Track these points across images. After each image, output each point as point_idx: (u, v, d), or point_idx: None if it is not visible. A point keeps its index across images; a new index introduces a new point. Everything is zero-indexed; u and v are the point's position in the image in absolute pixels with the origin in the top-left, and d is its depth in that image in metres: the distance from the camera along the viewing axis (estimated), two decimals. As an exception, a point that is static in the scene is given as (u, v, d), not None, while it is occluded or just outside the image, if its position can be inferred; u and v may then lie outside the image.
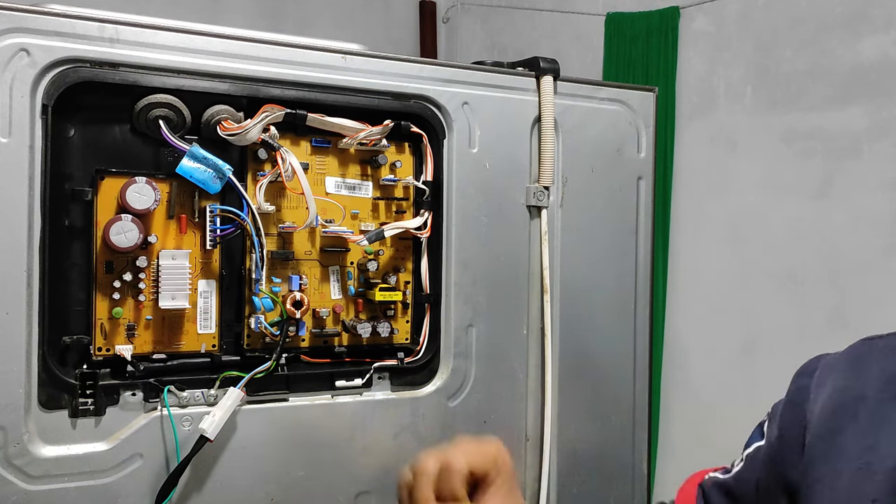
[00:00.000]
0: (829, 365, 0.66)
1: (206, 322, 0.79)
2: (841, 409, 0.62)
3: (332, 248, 0.84)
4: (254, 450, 0.80)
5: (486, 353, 0.91)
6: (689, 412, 2.54)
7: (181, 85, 0.75)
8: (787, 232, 2.32)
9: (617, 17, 2.71)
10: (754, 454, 0.69)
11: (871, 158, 2.16)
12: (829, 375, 0.65)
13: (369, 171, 0.86)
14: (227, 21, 1.65)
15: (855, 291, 2.18)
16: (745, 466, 0.70)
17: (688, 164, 2.56)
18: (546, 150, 0.92)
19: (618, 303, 0.99)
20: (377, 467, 0.86)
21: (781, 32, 2.33)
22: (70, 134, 0.73)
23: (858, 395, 0.62)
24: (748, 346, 2.41)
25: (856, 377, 0.63)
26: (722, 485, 0.72)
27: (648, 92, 1.01)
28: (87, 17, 0.71)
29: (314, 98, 0.81)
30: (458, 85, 0.88)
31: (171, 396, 0.76)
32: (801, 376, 0.68)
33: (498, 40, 3.20)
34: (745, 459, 0.70)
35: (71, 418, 0.73)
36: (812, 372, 0.67)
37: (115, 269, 0.75)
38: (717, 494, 0.72)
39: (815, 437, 0.62)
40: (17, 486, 0.70)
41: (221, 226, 0.78)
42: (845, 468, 0.59)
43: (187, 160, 0.74)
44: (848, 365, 0.65)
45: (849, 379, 0.63)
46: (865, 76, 2.17)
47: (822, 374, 0.66)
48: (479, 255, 0.90)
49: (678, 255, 2.59)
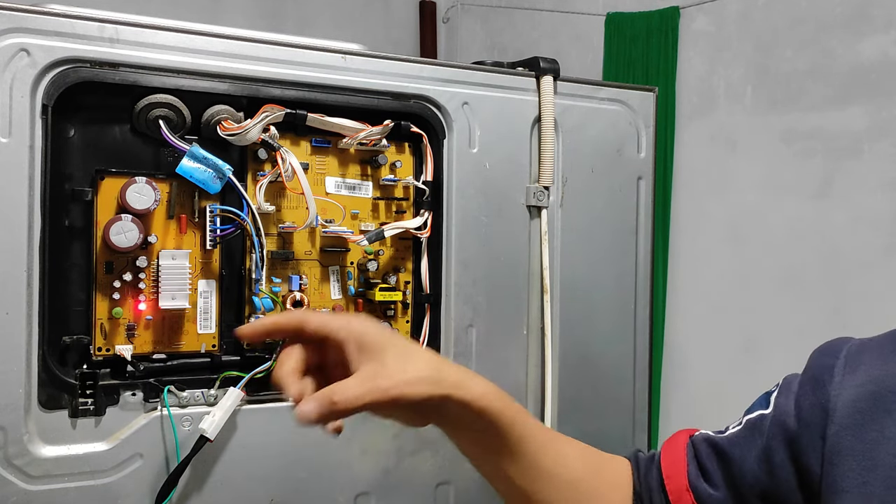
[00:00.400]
0: (859, 350, 0.63)
1: (206, 322, 0.79)
2: (875, 400, 0.59)
3: (332, 248, 0.84)
4: (254, 450, 0.80)
5: (486, 353, 0.91)
6: (689, 412, 2.54)
7: (181, 85, 0.75)
8: (787, 232, 2.32)
9: (617, 17, 2.71)
10: (756, 421, 0.66)
11: (871, 158, 2.16)
12: (860, 361, 0.62)
13: (369, 171, 0.86)
14: (227, 21, 1.65)
15: (855, 291, 2.18)
16: (743, 431, 0.67)
17: (688, 164, 2.56)
18: (546, 150, 0.92)
19: (618, 303, 0.99)
20: (377, 468, 0.86)
21: (781, 32, 2.33)
22: (70, 134, 0.73)
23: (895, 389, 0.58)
24: (748, 346, 2.41)
25: (894, 369, 0.59)
26: (713, 442, 0.69)
27: (648, 92, 1.01)
28: (87, 17, 0.71)
29: (314, 98, 0.81)
30: (458, 85, 0.88)
31: (171, 396, 0.76)
32: (824, 355, 0.64)
33: (498, 40, 3.20)
34: (744, 424, 0.67)
35: (71, 418, 0.73)
36: (837, 352, 0.63)
37: (115, 269, 0.75)
38: (706, 448, 0.69)
39: (841, 427, 0.59)
40: (17, 486, 0.70)
41: (221, 226, 0.78)
42: (880, 464, 0.56)
43: (187, 160, 0.74)
44: (883, 353, 0.61)
45: (885, 370, 0.60)
46: (865, 76, 2.17)
47: (850, 357, 0.62)
48: (479, 255, 0.90)
49: (678, 255, 2.59)
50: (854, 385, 0.60)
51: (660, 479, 0.69)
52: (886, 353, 0.61)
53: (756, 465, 0.64)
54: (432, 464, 0.89)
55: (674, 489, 0.68)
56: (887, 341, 0.62)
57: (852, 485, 0.57)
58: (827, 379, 0.62)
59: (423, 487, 0.89)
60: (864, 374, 0.60)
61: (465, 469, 0.91)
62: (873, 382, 0.59)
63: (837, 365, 0.62)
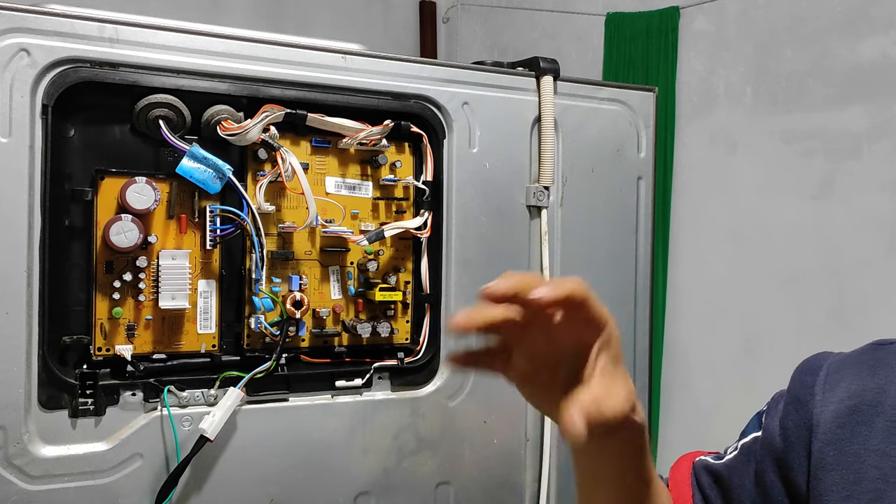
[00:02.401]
0: (838, 366, 0.64)
1: (206, 322, 0.79)
2: (854, 416, 0.60)
3: (332, 248, 0.84)
4: (254, 450, 0.80)
5: (486, 353, 0.91)
6: (689, 412, 2.54)
7: (181, 85, 0.75)
8: (787, 232, 2.32)
9: (617, 17, 2.71)
10: (750, 445, 0.67)
11: (871, 159, 2.16)
12: (839, 378, 0.63)
13: (369, 171, 0.86)
14: (227, 21, 1.65)
15: (855, 291, 2.18)
16: (739, 456, 0.68)
17: (688, 164, 2.56)
18: (546, 150, 0.92)
19: (618, 303, 0.99)
20: (377, 467, 0.86)
21: (781, 32, 2.33)
22: (70, 134, 0.73)
23: (873, 403, 0.59)
24: (748, 347, 2.41)
25: (872, 383, 0.61)
26: (712, 470, 0.70)
27: (648, 92, 1.01)
28: (86, 17, 0.71)
29: (314, 98, 0.81)
30: (458, 85, 0.88)
31: (171, 396, 0.76)
32: (804, 373, 0.66)
33: (498, 40, 3.20)
34: (740, 449, 0.68)
35: (71, 418, 0.73)
36: (816, 370, 0.64)
37: (115, 269, 0.75)
38: (706, 477, 0.70)
39: (824, 442, 0.60)
40: (18, 486, 0.70)
41: (221, 226, 0.78)
42: (864, 477, 0.57)
43: (187, 160, 0.74)
44: (860, 369, 0.62)
45: (863, 384, 0.61)
46: (865, 76, 2.17)
47: (830, 375, 0.64)
48: (479, 255, 0.90)
49: (678, 256, 2.59)
50: (835, 401, 0.61)
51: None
52: (864, 368, 0.62)
53: (752, 489, 0.65)
54: (432, 464, 0.89)
55: None
56: (866, 356, 0.63)
57: (837, 498, 0.58)
58: (808, 398, 0.63)
59: (423, 487, 0.89)
60: (843, 389, 0.62)
61: (465, 469, 0.91)
62: (853, 397, 0.61)
63: (818, 383, 0.63)
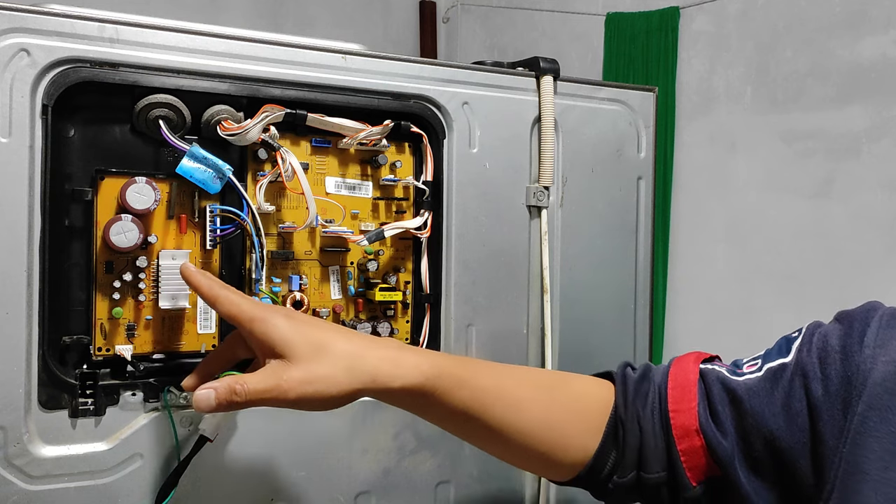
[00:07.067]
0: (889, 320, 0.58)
1: (206, 322, 0.79)
2: None
3: (332, 248, 0.84)
4: (254, 450, 0.80)
5: (486, 352, 0.91)
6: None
7: (181, 85, 0.75)
8: (787, 232, 2.32)
9: (617, 17, 2.71)
10: (778, 371, 0.61)
11: (871, 158, 2.17)
12: (891, 336, 0.57)
13: (369, 171, 0.86)
14: (227, 21, 1.65)
15: (855, 291, 2.18)
16: (762, 382, 0.62)
17: (688, 164, 2.56)
18: (546, 151, 0.92)
19: (618, 303, 0.99)
20: (377, 467, 0.86)
21: (781, 32, 2.33)
22: (70, 134, 0.73)
23: None
24: (748, 346, 2.41)
25: None
26: (729, 387, 0.63)
27: (648, 92, 1.01)
28: (87, 17, 0.71)
29: (314, 98, 0.81)
30: (458, 85, 0.88)
31: (171, 396, 0.76)
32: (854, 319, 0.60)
33: (498, 40, 3.20)
34: (764, 373, 0.62)
35: (71, 418, 0.73)
36: (867, 319, 0.59)
37: (115, 269, 0.75)
38: (719, 391, 0.63)
39: (868, 406, 0.55)
40: (17, 486, 0.70)
41: (221, 226, 0.78)
42: None
43: (187, 160, 0.74)
44: None
45: None
46: (865, 76, 2.17)
47: (882, 329, 0.58)
48: (479, 255, 0.90)
49: (678, 255, 2.59)
50: (885, 360, 0.57)
51: (662, 409, 0.65)
52: None
53: (773, 421, 0.60)
54: (432, 463, 0.89)
55: (680, 426, 0.63)
56: None
57: (874, 468, 0.54)
58: (856, 350, 0.58)
59: (423, 487, 0.89)
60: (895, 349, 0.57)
61: (465, 469, 0.91)
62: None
63: (868, 334, 0.59)
